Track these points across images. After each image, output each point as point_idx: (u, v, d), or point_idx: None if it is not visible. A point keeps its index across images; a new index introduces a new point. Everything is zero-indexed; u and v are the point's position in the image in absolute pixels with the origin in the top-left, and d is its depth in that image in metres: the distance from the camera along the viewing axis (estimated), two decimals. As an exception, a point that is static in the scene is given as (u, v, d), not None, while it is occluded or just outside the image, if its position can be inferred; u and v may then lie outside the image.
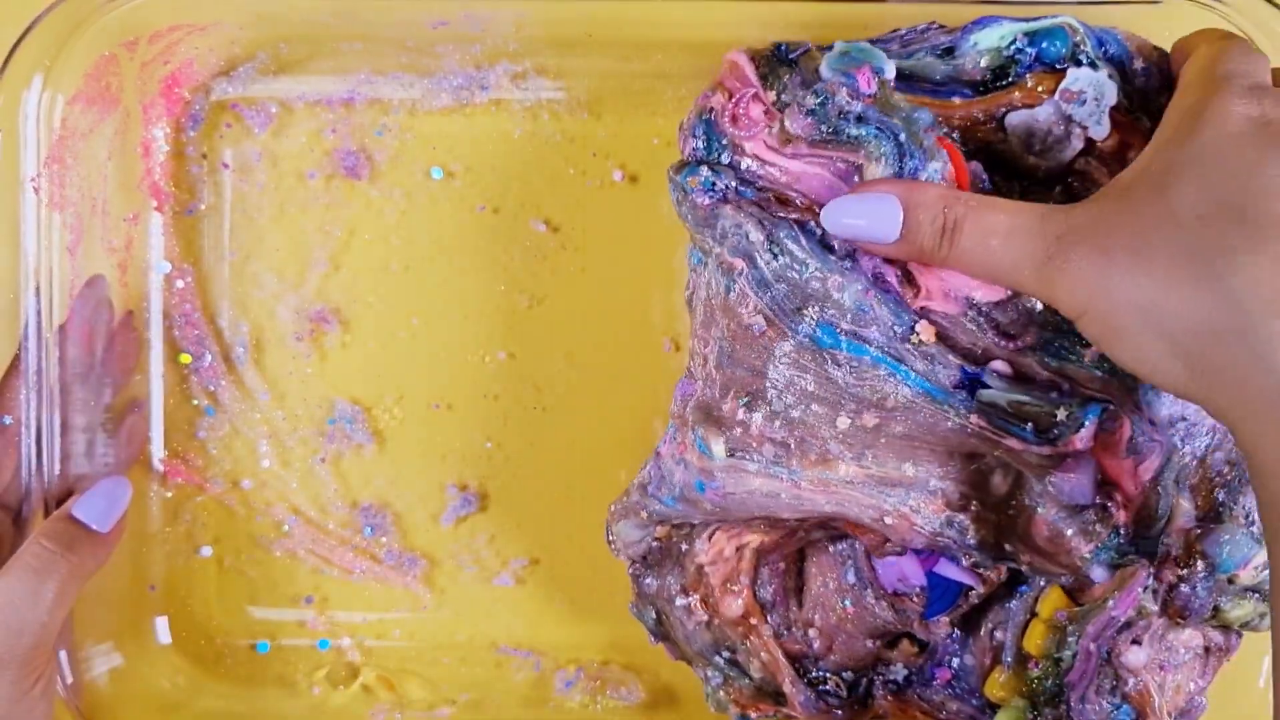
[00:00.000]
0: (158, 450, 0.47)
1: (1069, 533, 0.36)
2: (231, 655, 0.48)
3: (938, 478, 0.37)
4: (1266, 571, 0.34)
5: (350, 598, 0.48)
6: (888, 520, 0.37)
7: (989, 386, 0.35)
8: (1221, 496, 0.37)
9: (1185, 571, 0.36)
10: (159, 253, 0.47)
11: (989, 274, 0.33)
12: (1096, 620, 0.37)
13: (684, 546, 0.42)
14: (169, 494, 0.47)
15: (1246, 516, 0.37)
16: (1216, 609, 0.37)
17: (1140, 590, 0.37)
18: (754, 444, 0.37)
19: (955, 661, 0.41)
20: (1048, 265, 0.31)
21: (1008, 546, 0.37)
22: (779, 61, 0.39)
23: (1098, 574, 0.36)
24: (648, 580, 0.42)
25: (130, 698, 0.45)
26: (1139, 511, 0.36)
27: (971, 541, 0.37)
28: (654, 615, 0.43)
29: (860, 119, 0.36)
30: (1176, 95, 0.33)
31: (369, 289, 0.47)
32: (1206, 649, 0.38)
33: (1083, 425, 0.34)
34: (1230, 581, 0.36)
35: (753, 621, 0.41)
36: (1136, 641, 0.37)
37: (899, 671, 0.42)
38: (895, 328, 0.36)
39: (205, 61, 0.46)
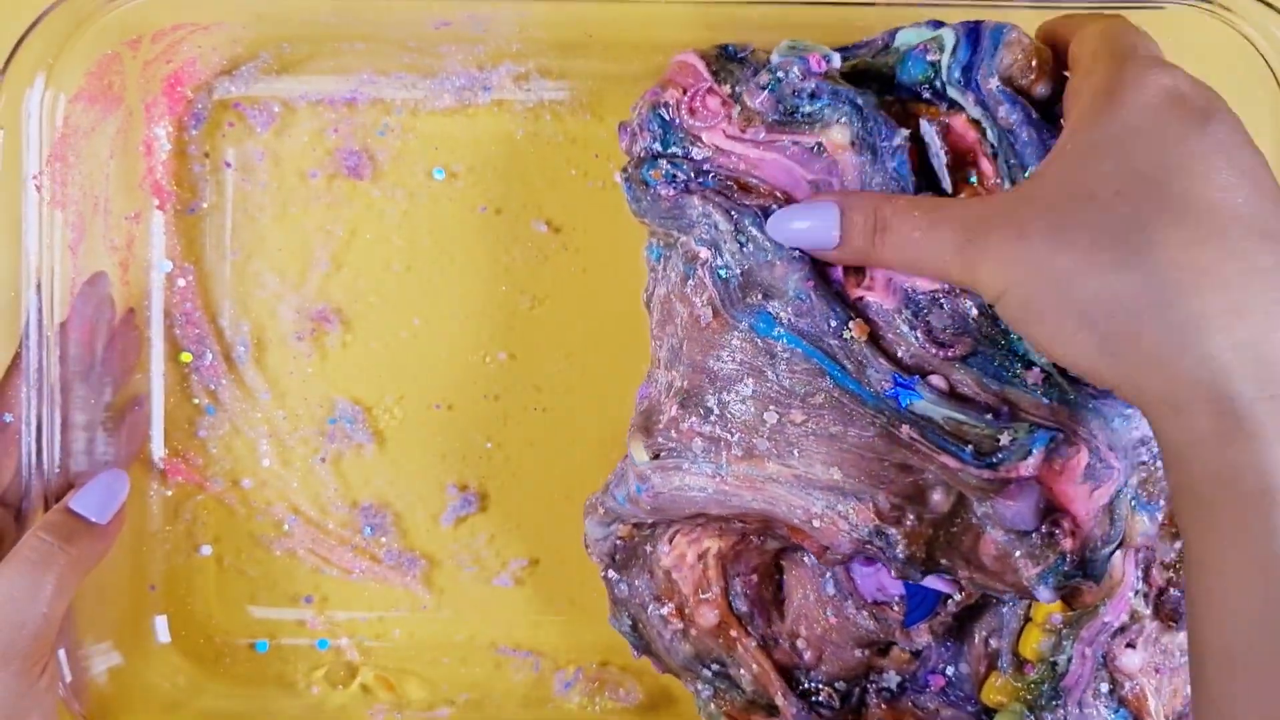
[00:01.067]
0: (158, 449, 0.47)
1: (1016, 554, 0.36)
2: (231, 654, 0.48)
3: (868, 485, 0.36)
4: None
5: (350, 597, 0.48)
6: (815, 523, 0.37)
7: (921, 397, 0.35)
8: None
9: (1174, 575, 0.36)
10: (160, 251, 0.47)
11: (915, 266, 0.34)
12: (1090, 625, 0.37)
13: (648, 549, 0.42)
14: (169, 492, 0.47)
15: None
16: None
17: (1131, 595, 0.37)
18: (684, 441, 0.38)
19: (950, 669, 0.41)
20: (968, 248, 0.31)
21: (943, 561, 0.37)
22: (728, 59, 0.40)
23: (1044, 595, 0.36)
24: (620, 585, 0.42)
25: (129, 696, 0.45)
26: (1087, 538, 0.36)
27: (900, 555, 0.37)
28: (630, 623, 0.42)
29: (814, 95, 0.38)
30: (1077, 76, 0.33)
31: (370, 289, 0.47)
32: None
33: (1030, 453, 0.34)
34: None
35: (733, 634, 0.41)
36: (1131, 645, 0.37)
37: (892, 679, 0.42)
38: (830, 321, 0.36)
39: (208, 60, 0.46)
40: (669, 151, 0.39)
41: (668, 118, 0.39)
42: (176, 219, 0.47)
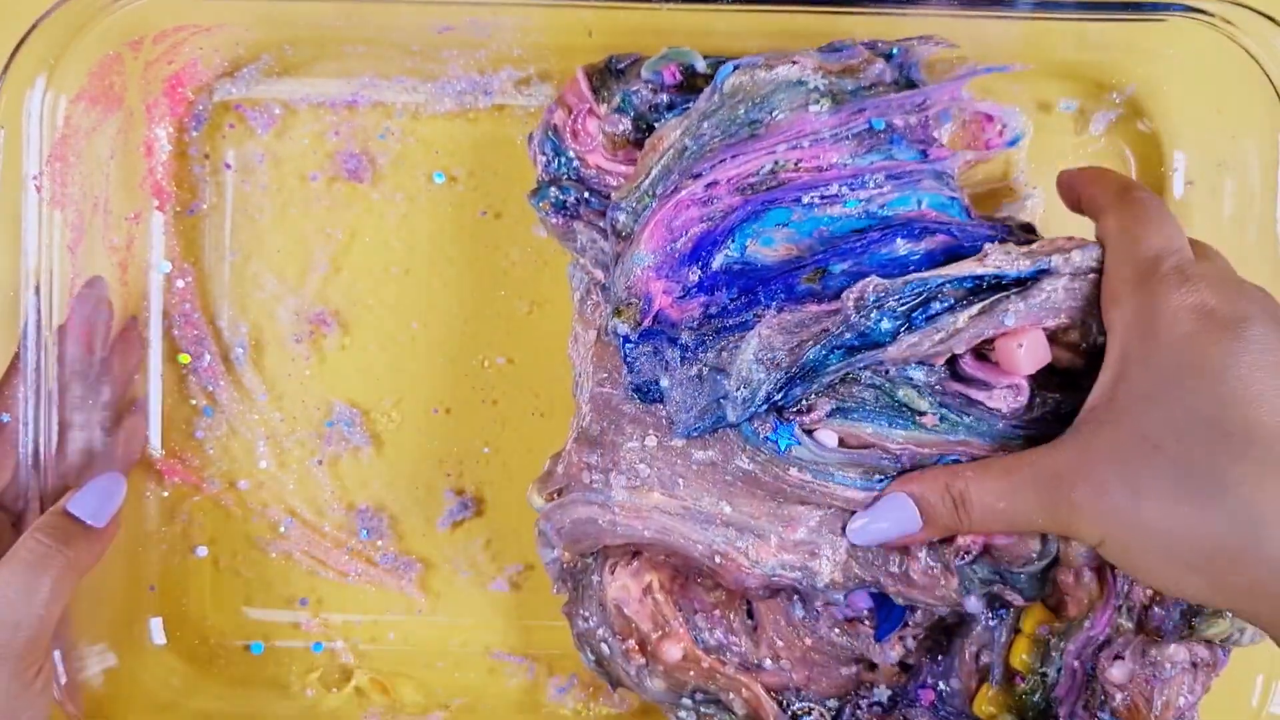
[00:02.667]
0: (155, 449, 0.47)
1: (936, 569, 0.36)
2: (225, 656, 0.48)
3: (767, 520, 0.37)
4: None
5: (345, 600, 0.48)
6: (718, 559, 0.37)
7: (800, 443, 0.36)
8: None
9: (1155, 591, 0.36)
10: (160, 252, 0.47)
11: (1010, 530, 0.35)
12: (1077, 638, 0.38)
13: (595, 579, 0.41)
14: (165, 493, 0.47)
15: None
16: (1191, 627, 0.37)
17: (1115, 609, 0.37)
18: (574, 474, 0.38)
19: (941, 685, 0.41)
20: (1055, 510, 0.32)
21: (867, 578, 0.37)
22: (609, 74, 0.41)
23: (972, 605, 0.37)
24: (579, 619, 0.42)
25: (124, 698, 0.45)
26: (1010, 550, 0.36)
27: (821, 584, 0.37)
28: (594, 658, 0.42)
29: (670, 107, 0.39)
30: (1111, 297, 0.33)
31: (369, 292, 0.47)
32: (1194, 664, 0.38)
33: None
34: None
35: (705, 665, 0.41)
36: (1119, 657, 0.37)
37: (883, 694, 0.42)
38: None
39: (209, 62, 0.46)
40: (561, 174, 0.40)
41: (558, 139, 0.40)
42: (176, 220, 0.47)
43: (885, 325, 0.34)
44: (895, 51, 0.40)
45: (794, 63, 0.38)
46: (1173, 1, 0.41)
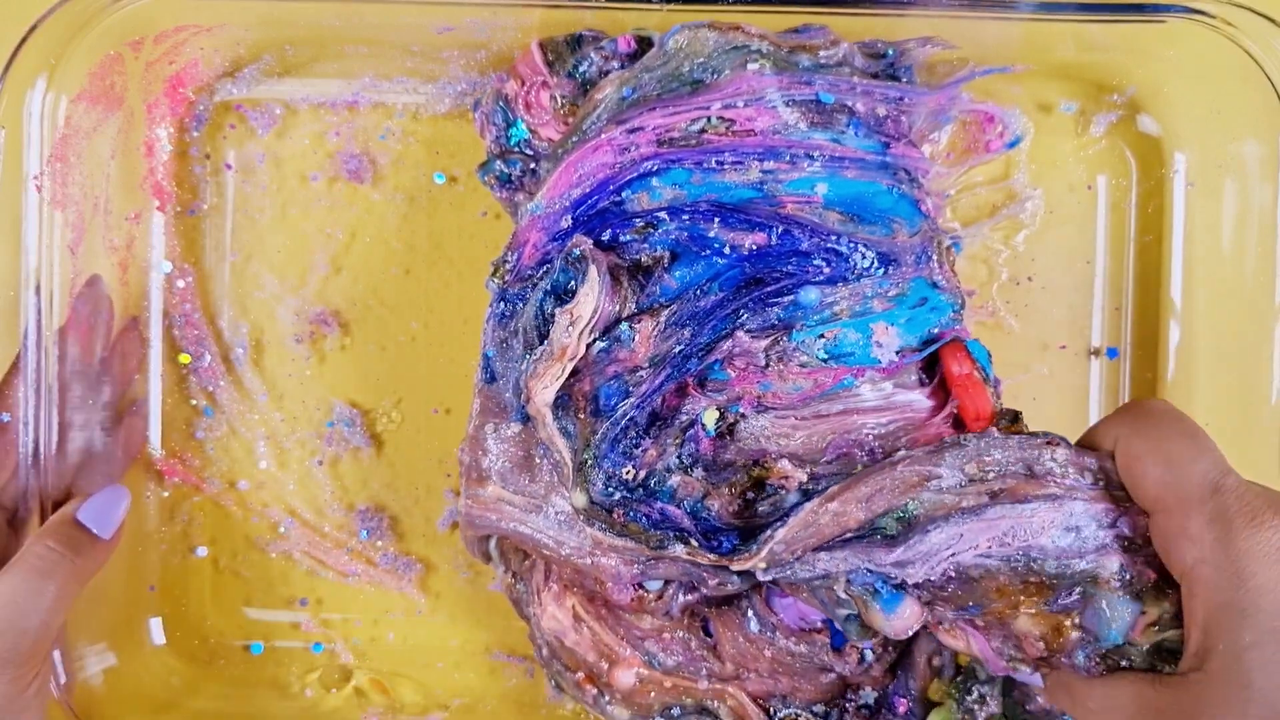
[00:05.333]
0: (155, 449, 0.47)
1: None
2: (225, 656, 0.48)
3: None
4: (1167, 631, 0.33)
5: (345, 601, 0.48)
6: (578, 560, 0.37)
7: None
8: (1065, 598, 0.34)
9: (1052, 655, 0.34)
10: (160, 252, 0.47)
11: None
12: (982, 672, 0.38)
13: (531, 611, 0.41)
14: (165, 493, 0.47)
15: (1117, 579, 0.33)
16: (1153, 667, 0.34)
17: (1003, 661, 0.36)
18: (460, 469, 0.39)
19: (906, 688, 0.41)
20: None
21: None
22: (569, 47, 0.41)
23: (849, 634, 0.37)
24: (538, 651, 0.42)
25: (124, 697, 0.45)
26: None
27: (709, 590, 0.37)
28: (556, 686, 0.42)
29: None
30: (1168, 543, 0.32)
31: (369, 292, 0.47)
32: None
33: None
34: (1130, 645, 0.33)
35: (668, 685, 0.40)
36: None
37: (869, 695, 0.41)
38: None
39: (210, 62, 0.46)
40: (513, 145, 0.40)
41: (509, 110, 0.40)
42: (176, 220, 0.47)
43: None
44: (890, 52, 0.40)
45: (739, 29, 0.38)
46: (1173, 3, 0.41)
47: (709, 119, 0.37)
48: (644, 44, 0.40)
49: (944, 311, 0.38)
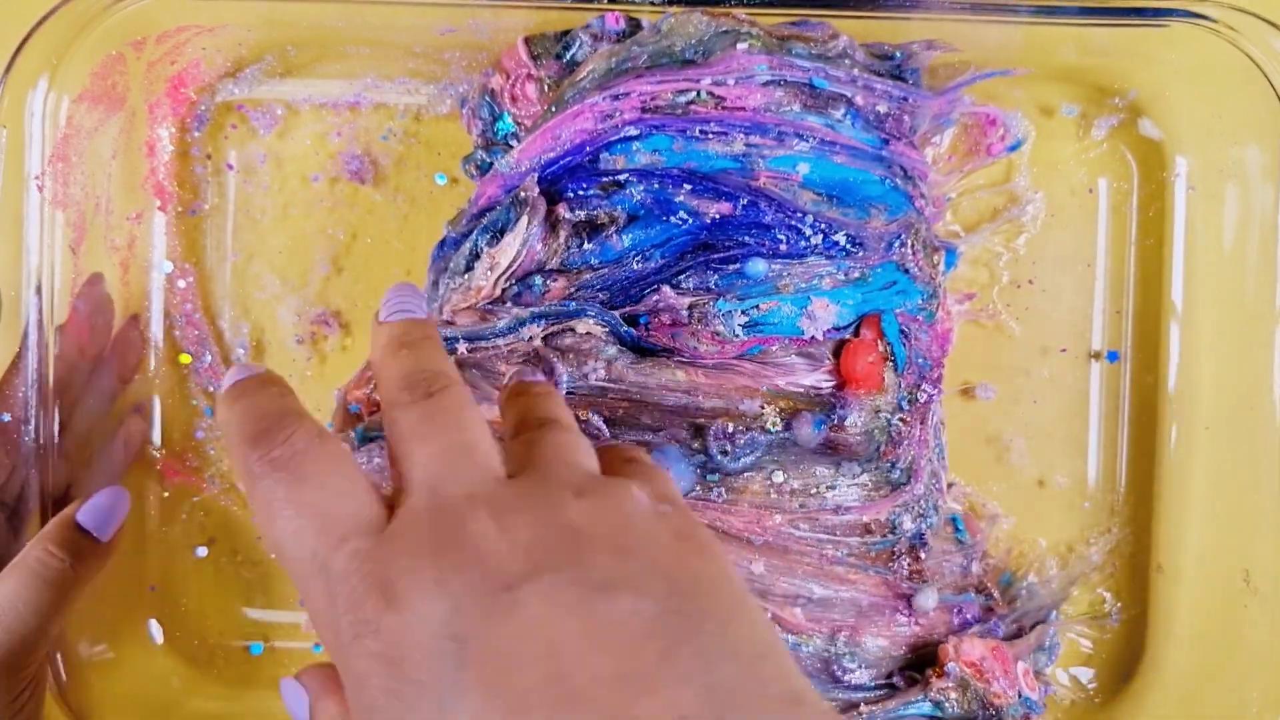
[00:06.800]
0: (155, 449, 0.47)
1: None
2: (225, 656, 0.48)
3: None
4: None
5: (345, 601, 0.48)
6: None
7: None
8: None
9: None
10: (161, 252, 0.47)
11: None
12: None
13: None
14: (166, 493, 0.47)
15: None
16: None
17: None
18: None
19: None
20: None
21: None
22: (555, 40, 0.41)
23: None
24: None
25: (122, 697, 0.45)
26: None
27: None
28: None
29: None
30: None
31: (371, 293, 0.47)
32: None
33: None
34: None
35: None
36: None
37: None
38: None
39: (212, 62, 0.46)
40: (499, 139, 0.41)
41: (495, 102, 0.41)
42: (178, 220, 0.47)
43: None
44: (898, 55, 0.40)
45: (730, 14, 0.38)
46: (1175, 7, 0.41)
47: (698, 93, 0.37)
48: (634, 27, 0.40)
49: (912, 296, 0.38)
